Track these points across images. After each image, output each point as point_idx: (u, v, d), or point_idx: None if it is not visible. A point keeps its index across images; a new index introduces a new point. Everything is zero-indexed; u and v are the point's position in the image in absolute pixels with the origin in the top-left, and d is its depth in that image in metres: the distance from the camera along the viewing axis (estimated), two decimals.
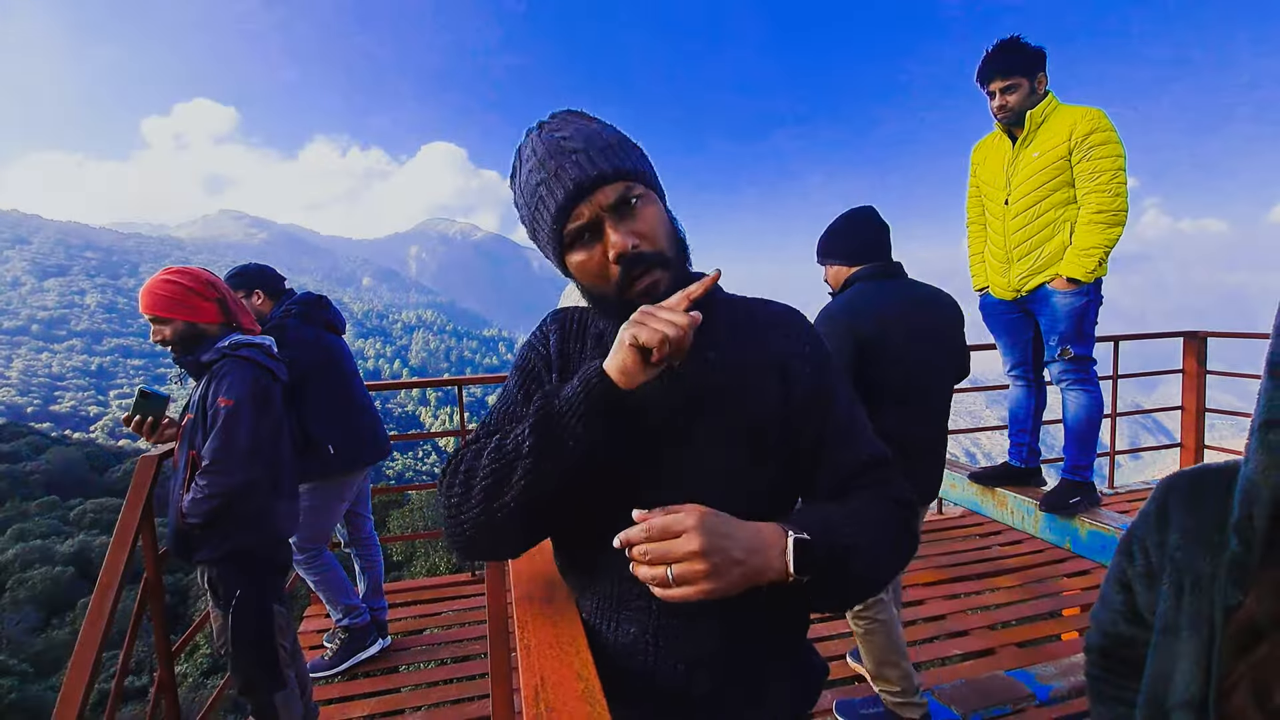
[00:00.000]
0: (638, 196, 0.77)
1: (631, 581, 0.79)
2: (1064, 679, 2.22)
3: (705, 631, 0.81)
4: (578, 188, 0.74)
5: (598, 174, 0.74)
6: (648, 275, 0.77)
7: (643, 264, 0.76)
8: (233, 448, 1.81)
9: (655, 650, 0.81)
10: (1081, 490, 2.48)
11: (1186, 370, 4.17)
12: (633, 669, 0.82)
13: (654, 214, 0.78)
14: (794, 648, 0.91)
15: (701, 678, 0.81)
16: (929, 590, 2.97)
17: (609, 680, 0.80)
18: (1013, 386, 2.76)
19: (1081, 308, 2.38)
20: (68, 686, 1.58)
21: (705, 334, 0.79)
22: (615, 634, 0.82)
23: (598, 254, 0.77)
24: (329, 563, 2.75)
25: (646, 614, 0.81)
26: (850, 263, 1.99)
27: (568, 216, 0.76)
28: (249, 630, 1.89)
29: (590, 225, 0.76)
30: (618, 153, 0.77)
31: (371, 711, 2.42)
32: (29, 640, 17.62)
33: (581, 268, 0.79)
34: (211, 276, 1.97)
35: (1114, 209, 2.28)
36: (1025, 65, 2.38)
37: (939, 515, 3.93)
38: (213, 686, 8.40)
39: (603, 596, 0.84)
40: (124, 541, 1.89)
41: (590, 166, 0.74)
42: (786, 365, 0.83)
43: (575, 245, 0.78)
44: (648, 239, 0.77)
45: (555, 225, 0.77)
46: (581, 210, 0.75)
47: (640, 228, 0.76)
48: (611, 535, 0.78)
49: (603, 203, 0.75)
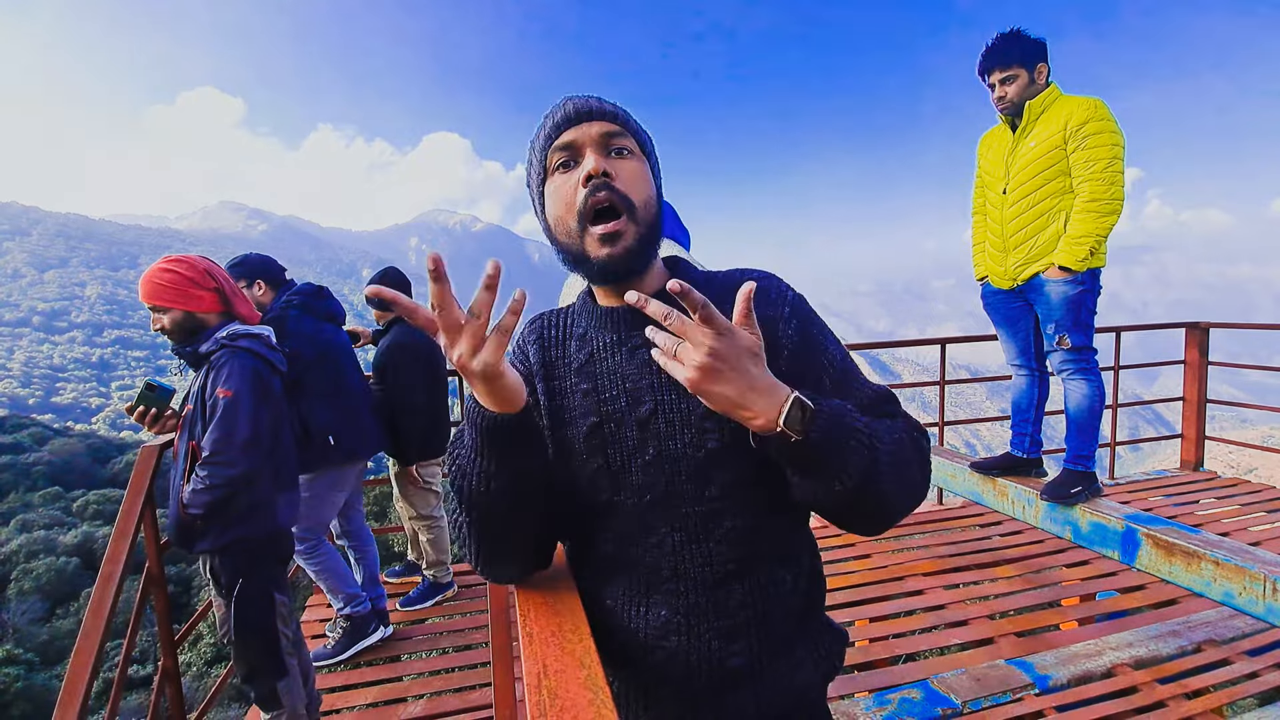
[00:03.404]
0: (626, 149, 0.81)
1: (658, 568, 0.83)
2: (1063, 668, 2.23)
3: (736, 605, 0.83)
4: (575, 112, 0.80)
5: (595, 107, 0.80)
6: (613, 220, 0.77)
7: (609, 193, 0.77)
8: (232, 438, 1.81)
9: (688, 628, 0.83)
10: (1083, 480, 2.49)
11: (1188, 361, 4.16)
12: (667, 649, 0.83)
13: (638, 169, 0.81)
14: (817, 613, 0.93)
15: (736, 650, 0.83)
16: (929, 580, 2.98)
17: (643, 662, 0.84)
18: (1015, 377, 2.76)
19: (1077, 297, 2.37)
20: (72, 675, 1.58)
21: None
22: (646, 617, 0.84)
23: (572, 180, 0.79)
24: (329, 552, 2.76)
25: (676, 595, 0.83)
26: None
27: (556, 139, 0.80)
28: (251, 619, 1.90)
29: (574, 155, 0.79)
30: (619, 110, 0.82)
31: (374, 699, 2.43)
32: (34, 630, 17.76)
33: (554, 195, 0.81)
34: (210, 265, 1.96)
35: (1108, 197, 2.26)
36: (1024, 56, 2.36)
37: (939, 506, 3.94)
38: (217, 675, 8.49)
39: (630, 584, 0.85)
40: (126, 531, 1.90)
41: (594, 103, 0.81)
42: (772, 330, 0.83)
43: (555, 173, 0.81)
44: (623, 181, 0.78)
45: (545, 147, 0.81)
46: (570, 136, 0.79)
47: (619, 169, 0.79)
48: (628, 530, 0.83)
49: (590, 134, 0.79)
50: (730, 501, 0.81)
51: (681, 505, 0.81)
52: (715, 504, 0.81)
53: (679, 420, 0.80)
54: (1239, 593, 1.90)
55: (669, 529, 0.82)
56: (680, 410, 0.80)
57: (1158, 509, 3.51)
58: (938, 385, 4.04)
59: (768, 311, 0.84)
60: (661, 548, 0.82)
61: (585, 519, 0.86)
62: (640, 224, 0.79)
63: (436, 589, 3.13)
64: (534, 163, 0.84)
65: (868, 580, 2.99)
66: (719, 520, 0.81)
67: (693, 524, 0.81)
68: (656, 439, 0.81)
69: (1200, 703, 2.07)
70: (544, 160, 0.81)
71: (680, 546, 0.82)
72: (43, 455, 30.09)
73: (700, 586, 0.82)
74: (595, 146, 0.79)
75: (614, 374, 0.83)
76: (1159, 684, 2.14)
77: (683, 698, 0.85)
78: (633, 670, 0.86)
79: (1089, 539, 2.35)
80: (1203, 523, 3.38)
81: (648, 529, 0.82)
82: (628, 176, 0.79)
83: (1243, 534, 3.20)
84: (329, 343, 2.68)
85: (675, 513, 0.81)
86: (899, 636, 2.57)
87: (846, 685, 2.26)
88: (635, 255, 0.79)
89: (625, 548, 0.84)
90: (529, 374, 0.90)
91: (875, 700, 2.11)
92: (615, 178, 0.78)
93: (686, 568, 0.82)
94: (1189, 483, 3.97)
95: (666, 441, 0.81)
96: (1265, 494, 3.72)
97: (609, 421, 0.83)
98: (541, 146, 0.81)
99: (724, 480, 0.80)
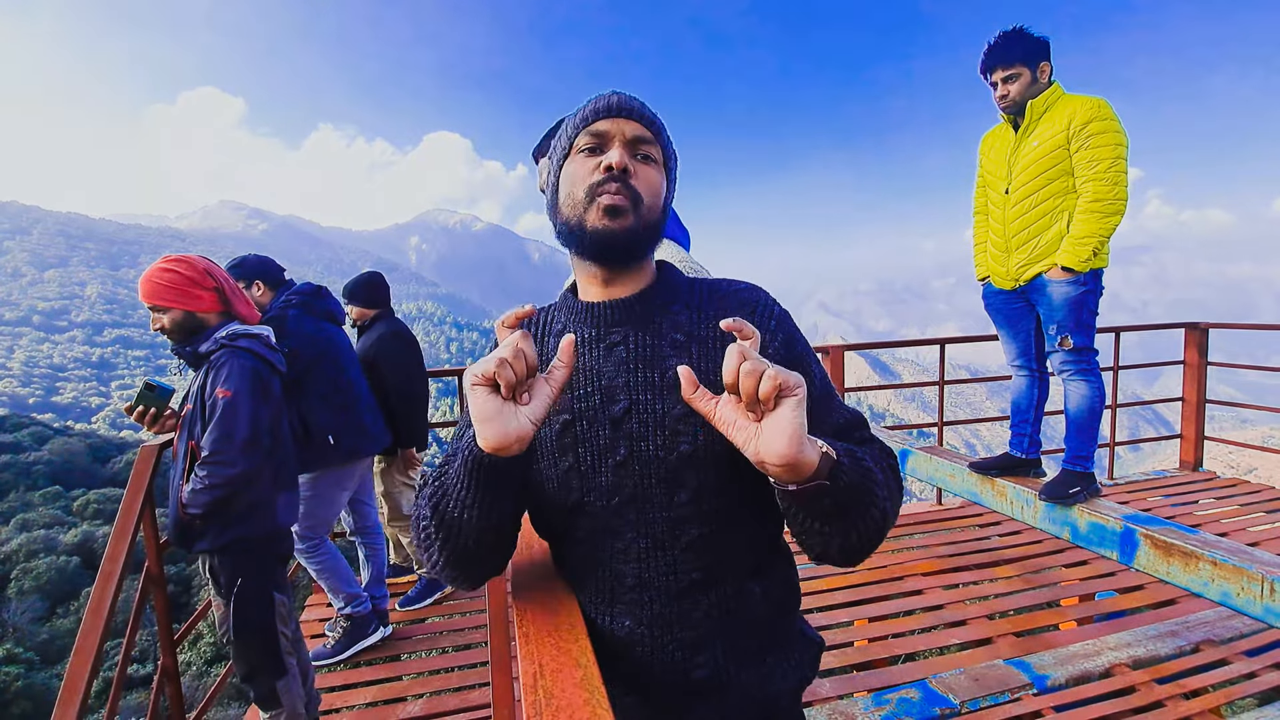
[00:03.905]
0: (651, 156, 0.83)
1: (622, 576, 0.82)
2: (1061, 668, 2.23)
3: (701, 616, 0.82)
4: (616, 105, 0.82)
5: (635, 108, 0.82)
6: (620, 195, 0.79)
7: (623, 185, 0.79)
8: (232, 438, 1.81)
9: (652, 639, 0.82)
10: (1081, 481, 2.48)
11: (1188, 361, 4.16)
12: (632, 658, 0.83)
13: (655, 177, 0.83)
14: (789, 622, 0.92)
15: (701, 661, 0.83)
16: (928, 580, 2.98)
17: (610, 670, 0.82)
18: (1015, 377, 2.76)
19: (1079, 297, 2.37)
20: (71, 674, 1.59)
21: (671, 319, 0.83)
22: (611, 626, 0.84)
23: (592, 163, 0.81)
24: (330, 552, 2.76)
25: (640, 605, 0.82)
26: None
27: (590, 124, 0.82)
28: (251, 618, 1.91)
29: (602, 144, 0.81)
30: (657, 120, 0.85)
31: (373, 699, 2.44)
32: (34, 629, 17.76)
33: (571, 173, 0.83)
34: (209, 265, 1.96)
35: (1111, 197, 2.26)
36: (1026, 54, 2.35)
37: (938, 506, 3.94)
38: (216, 675, 8.49)
39: (595, 592, 0.85)
40: (125, 530, 1.90)
41: (635, 103, 0.83)
42: (758, 346, 0.83)
43: (578, 154, 0.83)
44: (639, 182, 0.80)
45: (577, 127, 0.83)
46: (604, 126, 0.81)
47: (639, 171, 0.81)
48: (594, 533, 0.83)
49: (624, 130, 0.81)
50: (698, 508, 0.80)
51: (649, 509, 0.80)
52: (683, 509, 0.80)
53: (653, 421, 0.79)
54: (1237, 593, 1.90)
55: (635, 534, 0.81)
56: (655, 411, 0.79)
57: (1157, 509, 3.51)
58: (937, 385, 4.04)
59: (754, 325, 0.83)
60: (627, 554, 0.81)
61: (556, 521, 0.86)
62: (643, 218, 0.80)
63: (435, 585, 3.14)
64: (563, 138, 0.86)
65: (866, 580, 3.00)
66: (685, 527, 0.80)
67: (659, 529, 0.80)
68: (629, 439, 0.80)
69: (1198, 703, 2.08)
70: (573, 139, 0.83)
71: (646, 553, 0.81)
72: (43, 454, 30.08)
73: (664, 596, 0.81)
74: (624, 143, 0.81)
75: (589, 370, 0.82)
76: (1157, 684, 2.15)
77: (648, 707, 0.85)
78: (606, 674, 0.87)
79: (1087, 539, 2.35)
80: (1201, 523, 3.38)
81: (614, 533, 0.81)
82: (645, 180, 0.81)
83: (1241, 534, 3.21)
84: (328, 342, 2.68)
85: (643, 517, 0.80)
86: (898, 636, 2.58)
87: (845, 685, 2.26)
88: (633, 236, 0.79)
89: (593, 551, 0.83)
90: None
91: (874, 700, 2.11)
92: (634, 176, 0.80)
93: (651, 576, 0.81)
94: (1188, 483, 3.98)
95: (638, 442, 0.79)
96: (1264, 494, 3.72)
97: (581, 419, 0.81)
98: (575, 126, 0.83)
99: (694, 485, 0.79)
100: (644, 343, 0.81)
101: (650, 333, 0.82)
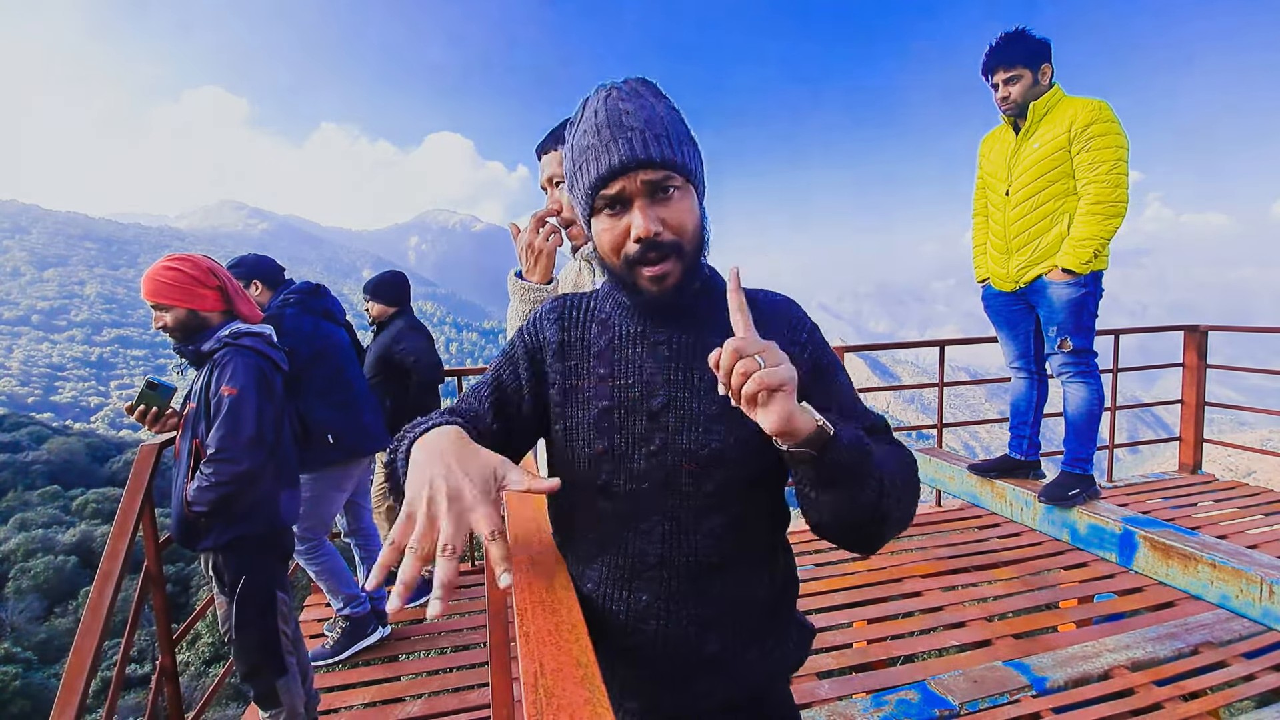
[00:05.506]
0: (675, 187, 0.80)
1: (644, 554, 0.87)
2: (1060, 670, 2.23)
3: (716, 594, 0.87)
4: (622, 165, 0.77)
5: (645, 158, 0.77)
6: (661, 264, 0.80)
7: (658, 250, 0.79)
8: (238, 435, 1.82)
9: (668, 614, 0.87)
10: (1081, 483, 2.49)
11: (1187, 364, 4.16)
12: (645, 632, 0.87)
13: (685, 207, 0.81)
14: (788, 610, 0.98)
15: (712, 637, 0.88)
16: (926, 582, 2.98)
17: (620, 645, 0.88)
18: (1014, 379, 2.76)
19: (1079, 299, 2.38)
20: (70, 674, 1.58)
21: (712, 323, 0.86)
22: (628, 601, 0.88)
23: (621, 228, 0.80)
24: (329, 553, 2.76)
25: (659, 582, 0.86)
26: None
27: (604, 185, 0.79)
28: (252, 616, 1.91)
29: (622, 198, 0.80)
30: (670, 143, 0.79)
31: (372, 699, 2.43)
32: (32, 629, 17.72)
33: (602, 236, 0.83)
34: (213, 264, 1.97)
35: (1112, 200, 2.26)
36: (1028, 56, 2.36)
37: (937, 508, 3.94)
38: (214, 674, 8.46)
39: (614, 566, 0.88)
40: (124, 529, 1.90)
41: (640, 149, 0.77)
42: (790, 355, 0.85)
43: (603, 212, 0.82)
44: (671, 227, 0.80)
45: (591, 190, 0.80)
46: (618, 184, 0.79)
47: (667, 214, 0.79)
48: (619, 514, 0.86)
49: (640, 182, 0.78)
50: (723, 499, 0.85)
51: (676, 497, 0.85)
52: (709, 499, 0.85)
53: (689, 418, 0.84)
54: (1235, 595, 1.90)
55: (660, 517, 0.85)
56: (691, 409, 0.84)
57: (1156, 511, 3.51)
58: (937, 387, 4.04)
59: (788, 336, 0.87)
60: (651, 535, 0.86)
61: (577, 500, 0.89)
62: (686, 258, 0.81)
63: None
64: (579, 188, 0.83)
65: (866, 582, 3.00)
66: (710, 515, 0.85)
67: (685, 516, 0.85)
68: (664, 431, 0.84)
69: (1197, 705, 2.08)
70: (590, 200, 0.81)
71: (669, 536, 0.85)
72: (41, 454, 30.03)
73: (684, 575, 0.86)
74: (645, 199, 0.79)
75: (632, 363, 0.86)
76: (1156, 686, 2.15)
77: (651, 679, 0.89)
78: (604, 651, 0.88)
79: (1086, 541, 2.36)
80: (1200, 525, 3.38)
81: (641, 514, 0.86)
82: (675, 216, 0.80)
83: (1240, 537, 3.21)
84: (326, 340, 2.68)
85: (669, 503, 0.85)
86: (897, 638, 2.57)
87: (844, 686, 2.26)
88: (682, 289, 0.82)
89: (615, 530, 0.88)
90: (532, 349, 0.92)
91: (873, 701, 2.11)
92: (664, 226, 0.79)
93: (673, 556, 0.86)
94: (1187, 485, 3.98)
95: (674, 435, 0.84)
96: (1263, 497, 3.72)
97: (620, 407, 0.85)
98: (587, 189, 0.80)
99: (721, 479, 0.84)
100: (685, 344, 0.85)
101: (692, 335, 0.86)
